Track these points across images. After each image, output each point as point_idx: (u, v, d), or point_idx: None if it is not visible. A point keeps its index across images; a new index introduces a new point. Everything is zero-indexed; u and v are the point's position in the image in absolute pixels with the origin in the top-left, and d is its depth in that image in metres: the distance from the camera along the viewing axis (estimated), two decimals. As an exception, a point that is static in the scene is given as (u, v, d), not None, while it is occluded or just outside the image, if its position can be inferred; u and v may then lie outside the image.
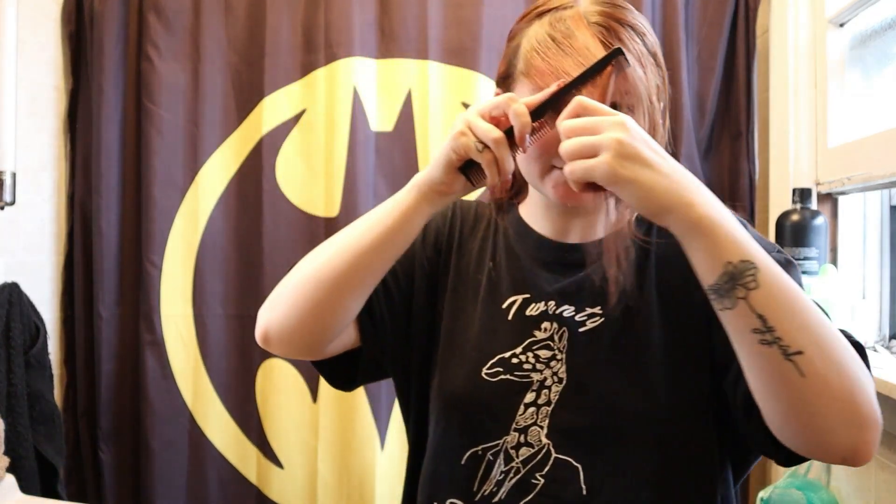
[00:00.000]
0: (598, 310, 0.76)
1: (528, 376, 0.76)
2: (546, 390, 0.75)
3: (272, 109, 1.82)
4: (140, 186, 1.85)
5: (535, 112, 0.67)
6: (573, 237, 0.80)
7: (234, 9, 1.85)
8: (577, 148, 0.61)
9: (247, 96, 1.85)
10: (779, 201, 1.58)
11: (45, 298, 1.84)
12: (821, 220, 1.43)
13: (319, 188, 1.81)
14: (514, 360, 0.77)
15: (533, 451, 0.74)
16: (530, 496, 0.73)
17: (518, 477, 0.74)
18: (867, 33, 1.41)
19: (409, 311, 0.84)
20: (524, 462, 0.74)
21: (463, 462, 0.77)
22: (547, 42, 0.72)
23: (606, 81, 0.67)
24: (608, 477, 0.72)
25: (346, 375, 0.85)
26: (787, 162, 1.55)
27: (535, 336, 0.77)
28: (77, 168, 1.90)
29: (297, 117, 1.83)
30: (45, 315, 1.74)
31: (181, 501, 1.83)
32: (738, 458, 0.77)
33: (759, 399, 0.63)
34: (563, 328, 0.76)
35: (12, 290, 1.63)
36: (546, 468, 0.73)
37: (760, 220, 1.70)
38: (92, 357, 1.86)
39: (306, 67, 1.82)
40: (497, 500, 0.75)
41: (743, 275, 0.59)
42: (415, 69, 1.79)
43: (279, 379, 1.83)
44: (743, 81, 1.70)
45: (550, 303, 0.78)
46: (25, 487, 1.47)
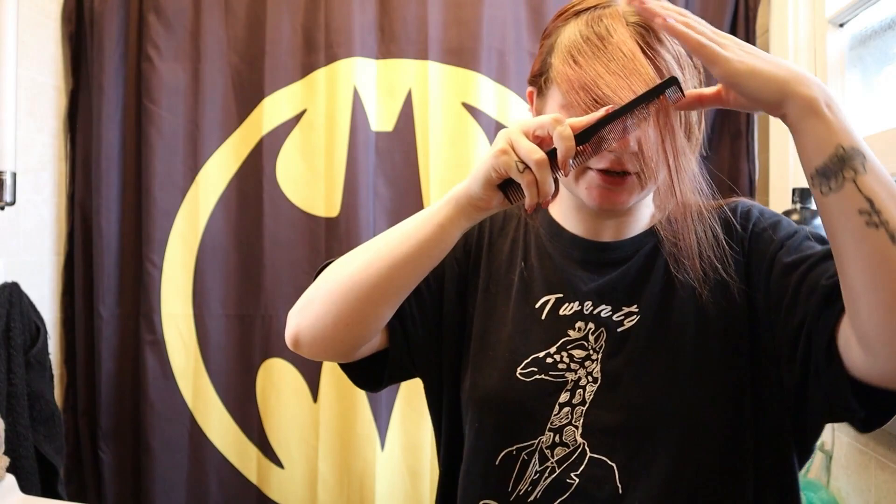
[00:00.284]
0: (634, 308, 0.76)
1: (563, 376, 0.76)
2: (581, 390, 0.75)
3: (272, 109, 1.82)
4: (140, 186, 1.85)
5: (580, 135, 0.64)
6: (606, 236, 0.80)
7: (235, 9, 1.85)
8: (703, 40, 0.63)
9: (247, 96, 1.85)
10: (779, 201, 1.58)
11: (45, 298, 1.84)
12: (819, 221, 1.43)
13: (320, 188, 1.81)
14: (549, 360, 0.77)
15: (568, 450, 0.74)
16: (565, 496, 0.74)
17: (553, 477, 0.74)
18: (867, 33, 1.41)
19: (440, 314, 0.84)
20: (559, 462, 0.74)
21: (497, 462, 0.77)
22: (579, 45, 0.71)
23: (666, 116, 0.66)
24: (643, 475, 0.72)
25: (373, 377, 0.85)
26: (787, 162, 1.55)
27: (569, 335, 0.77)
28: (77, 168, 1.90)
29: (298, 117, 1.83)
30: (45, 315, 1.74)
31: (181, 501, 1.83)
32: (800, 446, 0.76)
33: (858, 294, 0.60)
34: (601, 328, 0.76)
35: (12, 290, 1.63)
36: (581, 468, 0.73)
37: (760, 220, 1.70)
38: (92, 357, 1.86)
39: (306, 67, 1.82)
40: (532, 499, 0.75)
41: (854, 159, 0.59)
42: (415, 69, 1.79)
43: (279, 379, 1.83)
44: (743, 81, 1.70)
45: (587, 303, 0.78)
46: (25, 487, 1.47)
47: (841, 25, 1.47)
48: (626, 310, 0.76)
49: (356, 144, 1.78)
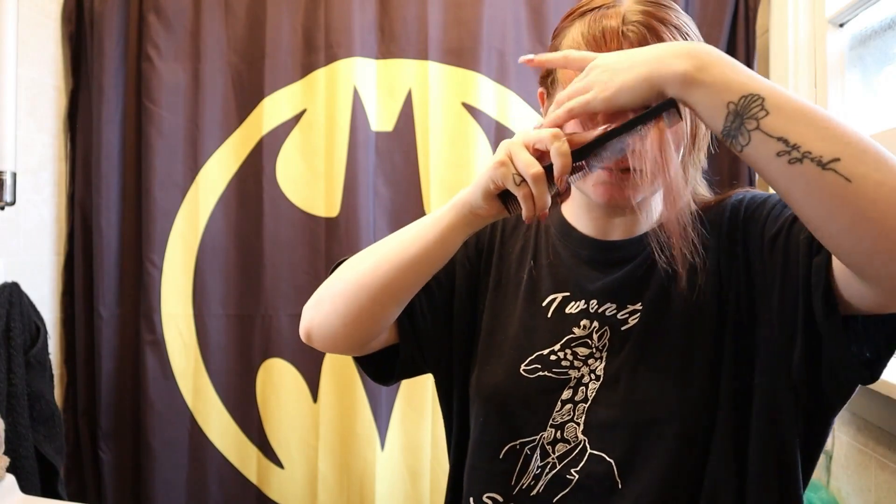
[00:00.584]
0: (638, 306, 0.76)
1: (566, 373, 0.77)
2: (583, 387, 0.76)
3: (272, 109, 1.82)
4: (140, 186, 1.85)
5: (578, 152, 0.65)
6: (615, 235, 0.80)
7: (234, 9, 1.85)
8: (570, 105, 0.65)
9: (247, 96, 1.85)
10: (779, 201, 1.58)
11: (45, 298, 1.84)
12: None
13: (319, 188, 1.81)
14: (553, 357, 0.78)
15: (569, 447, 0.75)
16: (566, 491, 0.74)
17: (554, 472, 0.75)
18: (867, 33, 1.41)
19: (451, 311, 0.85)
20: (560, 458, 0.75)
21: (501, 456, 0.78)
22: (581, 46, 0.72)
23: (663, 137, 0.66)
24: (641, 472, 0.72)
25: (386, 370, 0.88)
26: (787, 162, 1.55)
27: (573, 333, 0.78)
28: (77, 168, 1.90)
29: (298, 117, 1.83)
30: (45, 315, 1.74)
31: (181, 501, 1.83)
32: (806, 448, 0.74)
33: (823, 231, 0.58)
34: (605, 327, 0.77)
35: (12, 290, 1.63)
36: (581, 464, 0.74)
37: (760, 220, 1.70)
38: (92, 357, 1.86)
39: (306, 68, 1.82)
40: (534, 493, 0.76)
41: (749, 108, 0.58)
42: (415, 69, 1.79)
43: (279, 379, 1.83)
44: (743, 81, 1.70)
45: (592, 301, 0.78)
46: (25, 487, 1.47)
47: (841, 25, 1.47)
48: (630, 308, 0.77)
49: (356, 144, 1.78)
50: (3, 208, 1.60)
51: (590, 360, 0.76)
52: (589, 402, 0.75)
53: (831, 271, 0.63)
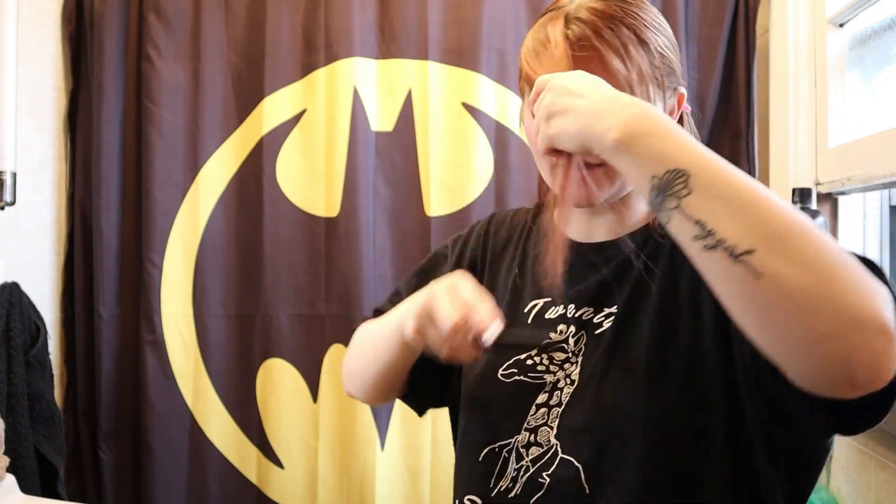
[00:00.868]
0: (614, 308, 0.76)
1: (542, 377, 0.77)
2: (558, 392, 0.76)
3: (272, 109, 1.82)
4: (140, 186, 1.85)
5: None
6: (599, 236, 0.80)
7: (234, 9, 1.85)
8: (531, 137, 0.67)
9: (247, 96, 1.85)
10: (779, 201, 1.58)
11: (45, 298, 1.84)
12: (821, 221, 1.43)
13: (319, 188, 1.81)
14: (529, 362, 0.78)
15: (542, 450, 0.75)
16: (540, 494, 0.74)
17: (528, 475, 0.75)
18: (867, 33, 1.41)
19: None
20: (533, 461, 0.75)
21: (480, 459, 0.79)
22: (528, 49, 0.76)
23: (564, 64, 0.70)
24: (610, 477, 0.71)
25: (415, 407, 0.98)
26: (787, 162, 1.55)
27: (550, 338, 0.78)
28: (77, 168, 1.90)
29: (298, 117, 1.83)
30: (45, 315, 1.74)
31: (181, 501, 1.83)
32: (798, 480, 0.71)
33: (743, 326, 0.55)
34: (582, 331, 0.77)
35: (12, 290, 1.63)
36: (552, 468, 0.73)
37: (760, 220, 1.70)
38: (92, 357, 1.86)
39: (306, 68, 1.82)
40: (512, 495, 0.75)
41: (671, 184, 0.55)
42: (415, 69, 1.79)
43: (279, 379, 1.83)
44: (743, 81, 1.70)
45: (570, 306, 0.78)
46: (25, 487, 1.47)
47: (841, 25, 1.47)
48: (606, 311, 0.76)
49: (356, 144, 1.78)
50: (3, 208, 1.60)
51: (566, 365, 0.76)
52: (563, 406, 0.75)
53: None
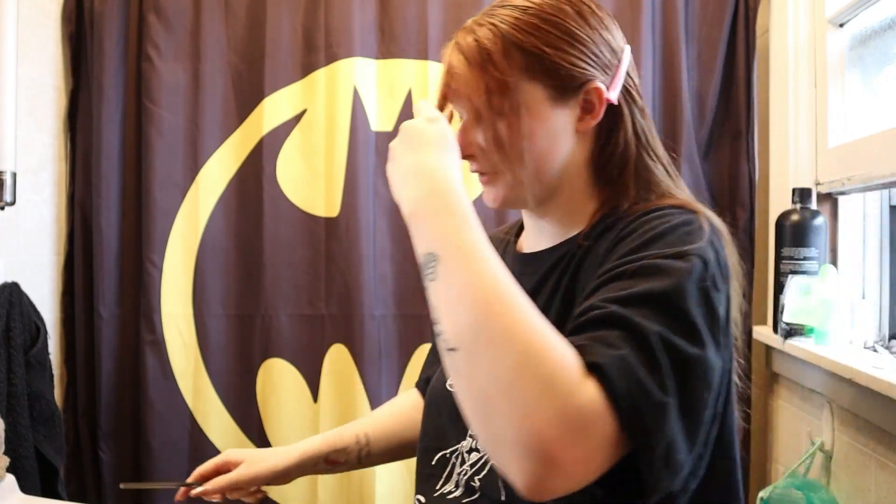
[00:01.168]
0: None
1: None
2: None
3: (272, 109, 1.82)
4: (140, 186, 1.85)
5: None
6: (541, 245, 0.81)
7: (234, 9, 1.85)
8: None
9: (247, 96, 1.85)
10: (779, 201, 1.58)
11: (45, 298, 1.84)
12: (821, 221, 1.43)
13: (320, 188, 1.81)
14: None
15: (479, 455, 0.77)
16: (472, 498, 0.77)
17: (466, 478, 0.78)
18: (867, 33, 1.41)
19: None
20: (471, 466, 0.78)
21: (434, 462, 0.83)
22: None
23: (510, 132, 0.73)
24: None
25: None
26: (787, 162, 1.55)
27: None
28: (77, 168, 1.90)
29: (298, 117, 1.83)
30: (45, 315, 1.74)
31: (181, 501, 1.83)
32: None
33: None
34: None
35: (12, 290, 1.63)
36: (483, 473, 0.76)
37: (760, 220, 1.70)
38: (92, 357, 1.86)
39: (306, 68, 1.82)
40: (451, 497, 0.79)
41: (426, 266, 0.60)
42: (415, 69, 1.79)
43: (279, 379, 1.83)
44: (743, 81, 1.71)
45: None
46: (25, 487, 1.47)
47: (841, 25, 1.47)
48: None
49: (356, 144, 1.78)
50: (3, 208, 1.60)
51: None
52: None
53: None
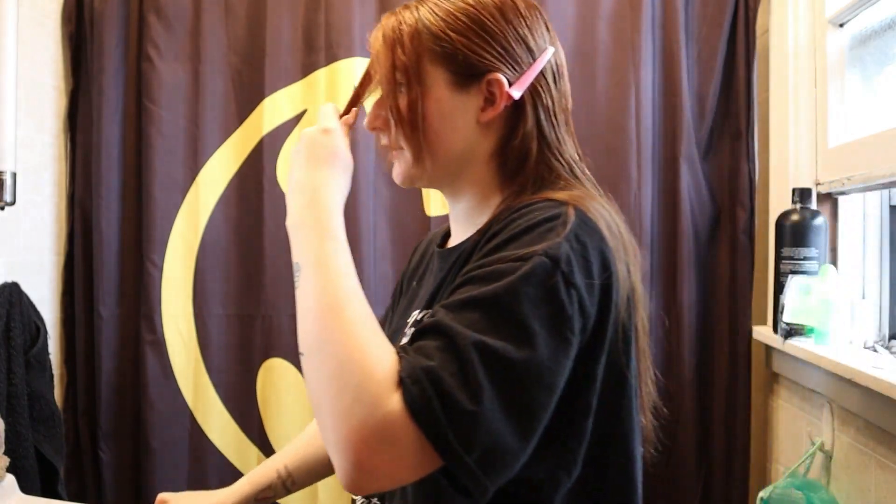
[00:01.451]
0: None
1: None
2: None
3: (273, 110, 1.82)
4: (140, 186, 1.85)
5: None
6: (457, 241, 0.80)
7: (235, 9, 1.85)
8: None
9: (247, 96, 1.85)
10: (779, 201, 1.58)
11: (45, 298, 1.84)
12: (821, 220, 1.43)
13: (319, 188, 1.81)
14: None
15: None
16: (387, 500, 0.78)
17: None
18: (867, 33, 1.41)
19: None
20: None
21: None
22: None
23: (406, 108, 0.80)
24: (395, 491, 0.74)
25: None
26: (787, 162, 1.55)
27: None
28: (77, 168, 1.90)
29: (298, 117, 1.83)
30: (45, 315, 1.74)
31: (181, 501, 1.83)
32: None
33: None
34: None
35: (12, 290, 1.63)
36: None
37: (760, 220, 1.70)
38: (92, 357, 1.86)
39: (307, 68, 1.82)
40: (376, 499, 0.81)
41: (295, 274, 0.65)
42: (415, 69, 1.78)
43: (280, 378, 1.83)
44: (743, 81, 1.70)
45: (427, 311, 0.77)
46: (25, 487, 1.47)
47: (841, 25, 1.47)
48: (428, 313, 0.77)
49: (356, 144, 1.78)
50: (3, 208, 1.60)
51: None
52: None
53: None
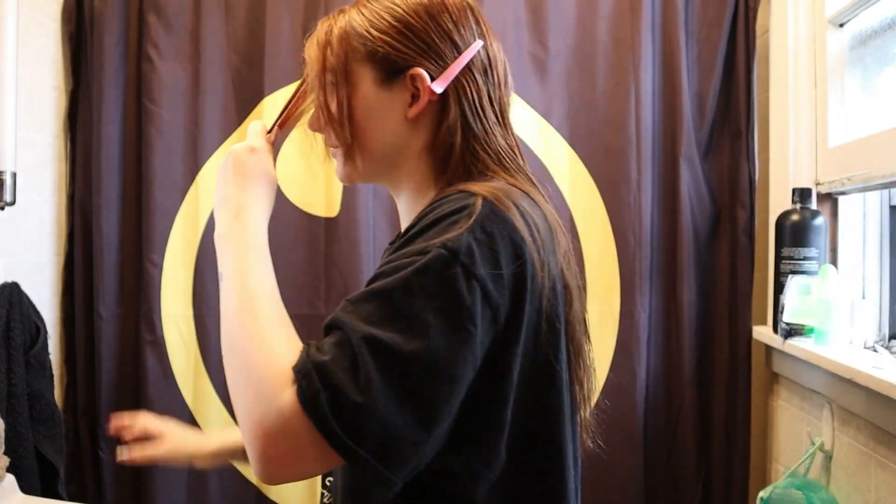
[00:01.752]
0: None
1: None
2: None
3: (273, 110, 1.82)
4: (140, 186, 1.85)
5: None
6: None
7: (234, 9, 1.85)
8: None
9: (247, 96, 1.85)
10: (779, 201, 1.58)
11: (45, 298, 1.84)
12: (820, 220, 1.43)
13: (319, 188, 1.81)
14: None
15: None
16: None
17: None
18: (867, 33, 1.41)
19: None
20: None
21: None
22: None
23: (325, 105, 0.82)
24: (338, 483, 0.76)
25: None
26: (787, 162, 1.55)
27: None
28: (77, 168, 1.90)
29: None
30: (45, 315, 1.74)
31: (181, 501, 1.83)
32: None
33: None
34: None
35: (12, 290, 1.63)
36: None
37: (760, 220, 1.70)
38: (92, 357, 1.86)
39: (307, 67, 1.82)
40: (326, 500, 0.85)
41: (220, 283, 0.70)
42: (415, 69, 1.78)
43: (279, 379, 1.83)
44: (743, 81, 1.70)
45: None
46: (25, 487, 1.47)
47: (841, 25, 1.47)
48: None
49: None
50: (3, 208, 1.60)
51: None
52: None
53: None
